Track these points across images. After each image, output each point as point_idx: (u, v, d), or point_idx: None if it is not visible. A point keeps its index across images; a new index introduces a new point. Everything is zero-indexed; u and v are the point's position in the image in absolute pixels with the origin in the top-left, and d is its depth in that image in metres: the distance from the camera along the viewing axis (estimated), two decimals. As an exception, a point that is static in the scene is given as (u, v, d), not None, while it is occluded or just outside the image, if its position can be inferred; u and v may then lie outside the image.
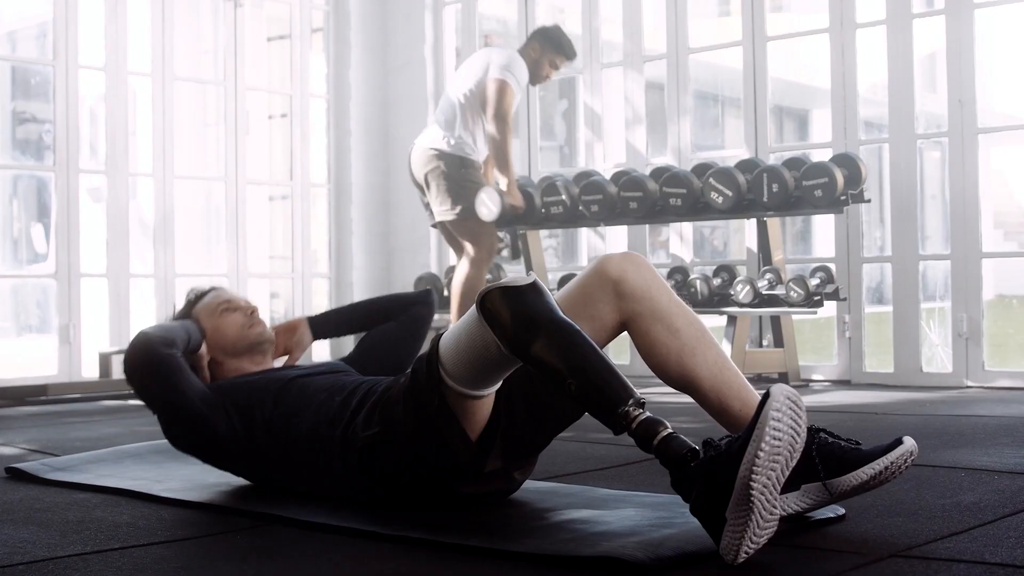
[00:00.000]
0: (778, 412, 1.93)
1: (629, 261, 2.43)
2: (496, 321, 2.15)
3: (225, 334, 2.92)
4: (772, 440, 1.90)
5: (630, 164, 6.41)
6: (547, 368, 2.11)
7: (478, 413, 2.34)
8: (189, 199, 7.58)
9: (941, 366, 5.75)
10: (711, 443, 2.02)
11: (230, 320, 2.94)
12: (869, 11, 5.72)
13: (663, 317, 2.37)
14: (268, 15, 8.63)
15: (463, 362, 2.25)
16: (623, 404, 2.03)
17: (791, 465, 1.96)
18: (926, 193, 13.09)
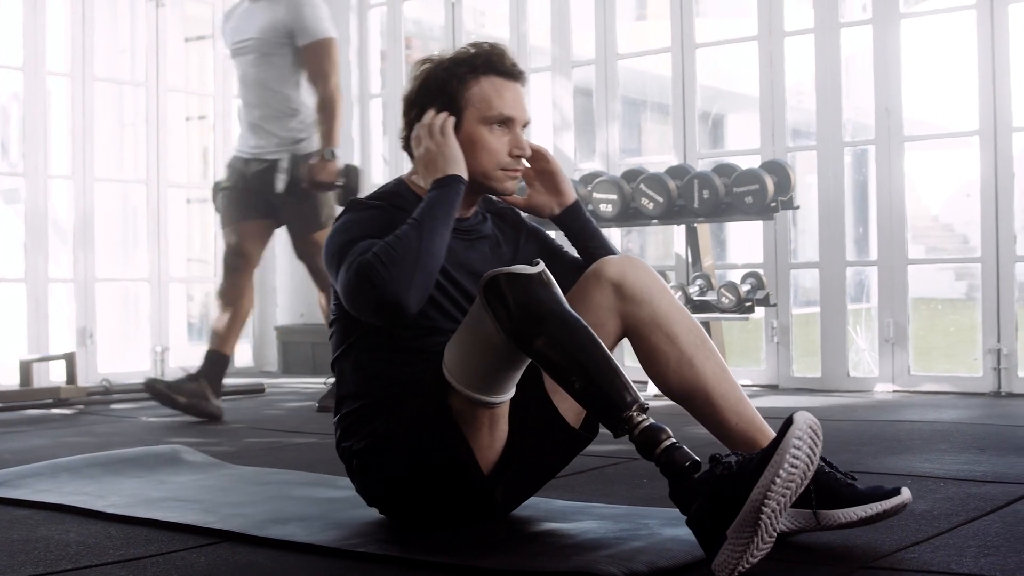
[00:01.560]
0: (799, 440, 1.91)
1: (629, 263, 2.33)
2: (499, 309, 2.06)
3: (473, 156, 2.38)
4: (790, 468, 1.89)
5: (558, 169, 6.39)
6: (550, 363, 2.04)
7: (488, 429, 2.23)
8: (108, 202, 7.42)
9: (867, 370, 5.83)
10: (719, 459, 2.00)
11: (494, 145, 2.38)
12: (797, 19, 5.79)
13: (663, 323, 2.28)
14: (188, 15, 8.49)
15: (468, 358, 2.15)
16: (627, 408, 1.99)
17: (799, 493, 1.95)
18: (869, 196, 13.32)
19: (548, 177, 2.53)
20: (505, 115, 2.38)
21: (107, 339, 6.78)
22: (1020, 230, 5.30)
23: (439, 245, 2.27)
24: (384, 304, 2.18)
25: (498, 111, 2.37)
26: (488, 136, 2.38)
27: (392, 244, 2.22)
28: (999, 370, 5.17)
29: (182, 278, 7.62)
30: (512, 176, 2.41)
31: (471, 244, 2.47)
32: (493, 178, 2.40)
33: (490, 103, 2.37)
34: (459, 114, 2.39)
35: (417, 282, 2.20)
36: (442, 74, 2.40)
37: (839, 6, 5.59)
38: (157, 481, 3.11)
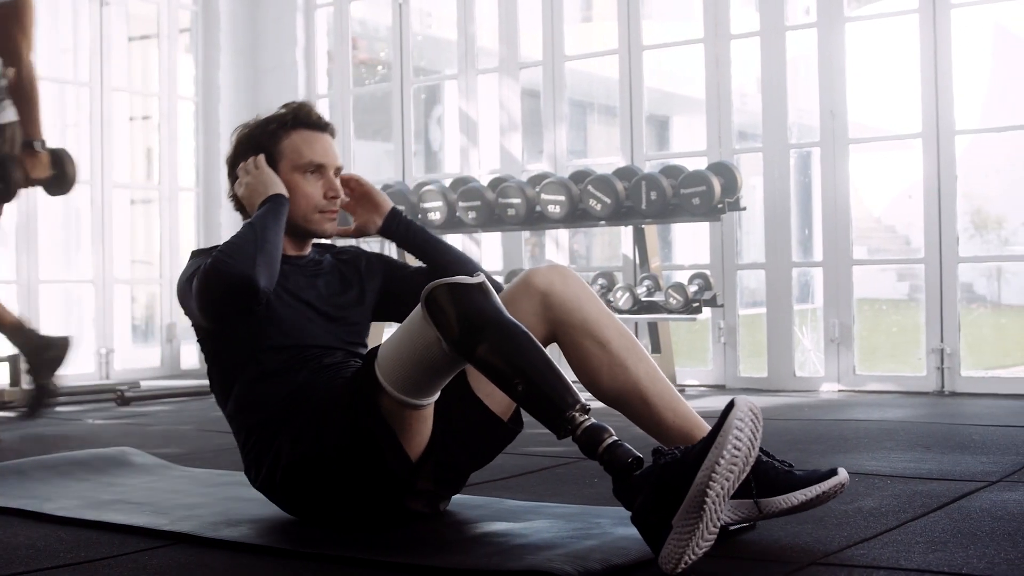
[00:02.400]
0: (741, 422, 1.95)
1: (557, 273, 2.40)
2: (441, 319, 2.11)
3: (293, 202, 2.55)
4: (733, 449, 1.93)
5: (505, 170, 6.42)
6: (493, 369, 2.09)
7: (414, 426, 2.28)
8: (51, 203, 7.34)
9: (813, 370, 5.89)
10: (662, 451, 2.03)
11: (309, 190, 2.56)
12: (743, 22, 5.84)
13: (592, 329, 2.34)
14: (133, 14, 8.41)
15: (404, 365, 2.19)
16: (569, 409, 2.03)
17: (741, 479, 1.98)
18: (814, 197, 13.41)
19: (366, 198, 2.73)
20: (316, 162, 2.58)
21: (51, 341, 6.69)
22: (962, 231, 5.38)
23: (274, 236, 2.45)
24: (235, 284, 2.36)
25: (308, 159, 2.57)
26: (303, 183, 2.57)
27: (229, 241, 2.44)
28: (942, 369, 5.25)
29: (126, 279, 7.55)
30: (330, 218, 2.60)
31: (313, 276, 2.63)
32: (312, 221, 2.59)
33: (301, 152, 2.57)
34: (274, 166, 2.58)
35: (260, 261, 2.39)
36: (256, 132, 2.62)
37: (784, 9, 5.65)
38: (106, 483, 3.08)
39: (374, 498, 2.37)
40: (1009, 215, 14.80)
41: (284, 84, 7.35)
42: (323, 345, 2.54)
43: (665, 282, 5.53)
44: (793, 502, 2.18)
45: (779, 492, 2.18)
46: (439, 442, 2.34)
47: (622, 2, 6.09)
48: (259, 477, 2.48)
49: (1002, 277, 14.17)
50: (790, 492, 2.18)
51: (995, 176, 12.57)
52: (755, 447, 1.98)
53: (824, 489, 2.19)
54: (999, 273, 13.94)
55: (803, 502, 2.18)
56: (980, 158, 9.89)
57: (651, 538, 1.98)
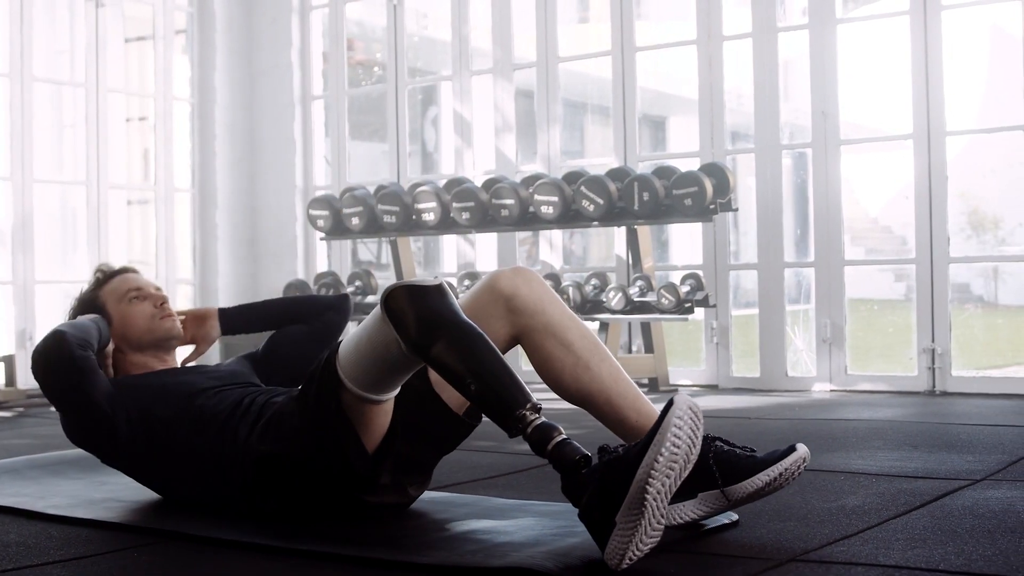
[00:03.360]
0: (680, 420, 1.98)
1: (520, 276, 2.46)
2: (399, 319, 2.15)
3: (132, 325, 2.82)
4: (671, 447, 1.96)
5: (500, 171, 6.44)
6: (447, 369, 2.13)
7: (375, 421, 2.33)
8: (48, 203, 7.37)
9: (805, 370, 5.92)
10: (607, 449, 2.07)
11: (138, 310, 2.83)
12: (736, 23, 5.86)
13: (556, 331, 2.40)
14: (129, 15, 8.43)
15: (363, 363, 2.24)
16: (520, 408, 2.07)
17: (683, 476, 2.02)
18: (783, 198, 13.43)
19: (193, 321, 2.99)
20: (133, 287, 2.87)
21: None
22: (959, 232, 5.40)
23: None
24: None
25: (126, 289, 2.86)
26: (131, 307, 2.84)
27: None
28: (933, 369, 5.27)
29: (123, 280, 7.56)
30: (169, 319, 2.86)
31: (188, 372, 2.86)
32: (156, 328, 2.84)
33: (118, 289, 2.87)
34: (106, 312, 2.83)
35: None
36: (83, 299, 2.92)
37: (776, 10, 5.68)
38: (97, 482, 3.10)
39: (336, 493, 2.41)
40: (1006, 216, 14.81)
41: (279, 85, 7.38)
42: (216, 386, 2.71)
43: (659, 282, 5.55)
44: (759, 483, 2.22)
45: (743, 477, 2.22)
46: (399, 435, 2.38)
47: (615, 3, 6.11)
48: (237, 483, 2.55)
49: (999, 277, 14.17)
50: (754, 475, 2.21)
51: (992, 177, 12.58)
52: (696, 444, 2.01)
53: (786, 466, 2.23)
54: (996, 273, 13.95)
55: (768, 482, 2.22)
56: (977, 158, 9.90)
57: (596, 535, 2.02)
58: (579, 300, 5.56)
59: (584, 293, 5.59)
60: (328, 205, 6.40)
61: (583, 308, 5.57)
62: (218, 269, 7.35)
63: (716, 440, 2.30)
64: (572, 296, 5.57)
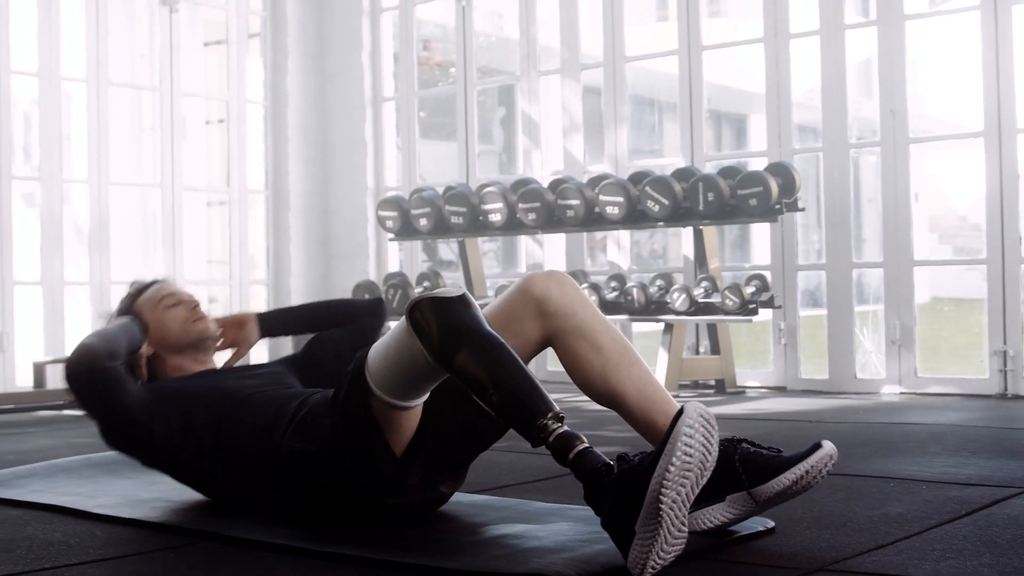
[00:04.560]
0: (690, 428, 1.97)
1: (553, 279, 2.46)
2: (424, 331, 2.17)
3: (167, 329, 2.88)
4: (683, 456, 1.95)
5: (568, 172, 6.44)
6: (470, 379, 2.14)
7: (404, 425, 2.35)
8: (125, 205, 7.52)
9: (875, 372, 5.83)
10: (625, 458, 2.06)
11: (173, 315, 2.90)
12: (803, 21, 5.79)
13: (587, 334, 2.40)
14: (205, 19, 8.56)
15: (391, 372, 2.26)
16: (541, 417, 2.07)
17: (702, 482, 2.00)
18: (863, 198, 13.26)
19: (232, 326, 3.04)
20: (166, 294, 2.92)
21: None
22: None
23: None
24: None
25: (160, 297, 2.91)
26: (166, 313, 2.89)
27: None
28: (1005, 372, 5.17)
29: (200, 280, 7.68)
30: (202, 321, 2.92)
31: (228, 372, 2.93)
32: (191, 331, 2.90)
33: (152, 298, 2.92)
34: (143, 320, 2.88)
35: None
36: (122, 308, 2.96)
37: (844, 8, 5.60)
38: (150, 482, 3.15)
39: (362, 494, 2.43)
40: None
41: (350, 87, 7.44)
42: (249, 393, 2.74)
43: (729, 283, 5.50)
44: (785, 482, 2.19)
45: (769, 477, 2.20)
46: (429, 434, 2.39)
47: (682, 2, 6.08)
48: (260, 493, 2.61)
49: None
50: (779, 474, 2.19)
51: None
52: (710, 451, 1.99)
53: (812, 463, 2.21)
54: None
55: (794, 480, 2.20)
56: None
57: (619, 543, 2.01)
58: (643, 301, 5.54)
59: (648, 294, 5.56)
60: (397, 206, 6.44)
61: (647, 309, 5.54)
62: (291, 270, 7.43)
63: (742, 442, 2.28)
64: (636, 297, 5.54)
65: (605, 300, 5.67)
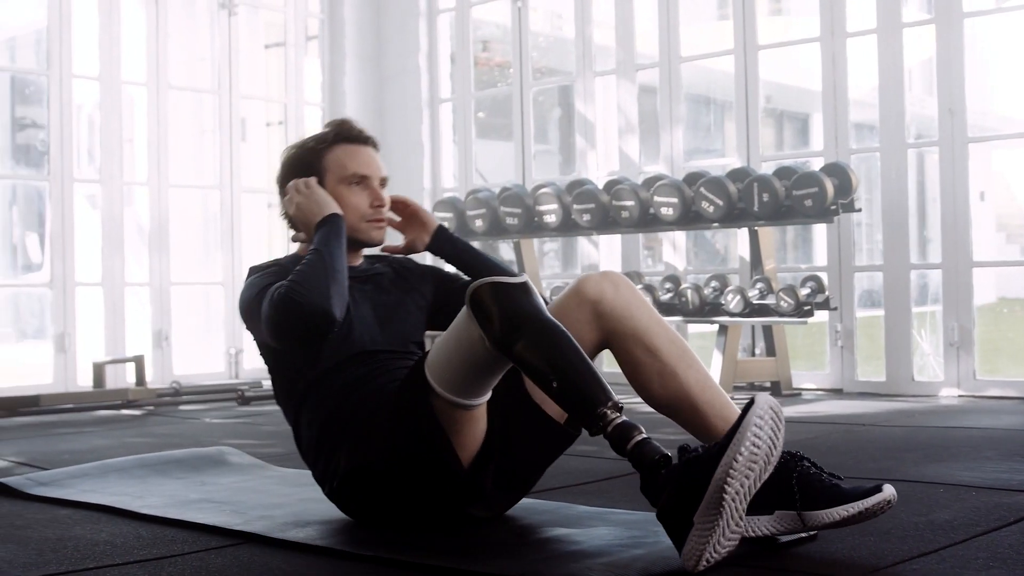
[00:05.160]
0: (760, 420, 1.95)
1: (608, 280, 2.42)
2: (484, 315, 2.15)
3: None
4: (751, 447, 1.94)
5: (623, 172, 6.42)
6: (530, 366, 2.12)
7: (467, 429, 2.32)
8: (186, 207, 7.60)
9: (933, 375, 5.75)
10: (687, 448, 2.05)
11: (354, 200, 2.64)
12: (860, 20, 5.73)
13: (643, 336, 2.36)
14: (266, 22, 8.64)
15: (451, 364, 2.24)
16: (601, 406, 2.06)
17: (763, 477, 1.99)
18: (928, 197, 13.09)
19: (413, 218, 2.80)
20: (359, 174, 2.65)
21: (183, 341, 6.94)
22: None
23: (342, 262, 2.49)
24: (311, 316, 2.37)
25: (352, 171, 2.64)
26: (348, 194, 2.63)
27: (301, 270, 2.44)
28: (1067, 375, 5.08)
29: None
30: (377, 226, 2.68)
31: (365, 283, 2.69)
32: (360, 230, 2.66)
33: (344, 165, 2.64)
34: (321, 181, 2.64)
35: (334, 292, 2.41)
36: (300, 152, 2.69)
37: (902, 6, 5.53)
38: (198, 482, 3.19)
39: (431, 503, 2.41)
40: None
41: (407, 89, 7.47)
42: (377, 349, 2.59)
43: (784, 284, 5.46)
44: (835, 517, 2.14)
45: (822, 506, 2.14)
46: (497, 448, 2.37)
47: (736, 2, 6.04)
48: (324, 485, 2.56)
49: None
50: (833, 507, 2.14)
51: None
52: (776, 446, 1.98)
53: (867, 506, 2.14)
54: None
55: (845, 518, 2.13)
56: None
57: (674, 535, 2.00)
58: (697, 303, 5.50)
59: (703, 296, 5.53)
60: (452, 207, 6.46)
61: (701, 311, 5.51)
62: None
63: (804, 460, 2.21)
64: (690, 299, 5.51)
65: (659, 302, 5.65)
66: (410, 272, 2.80)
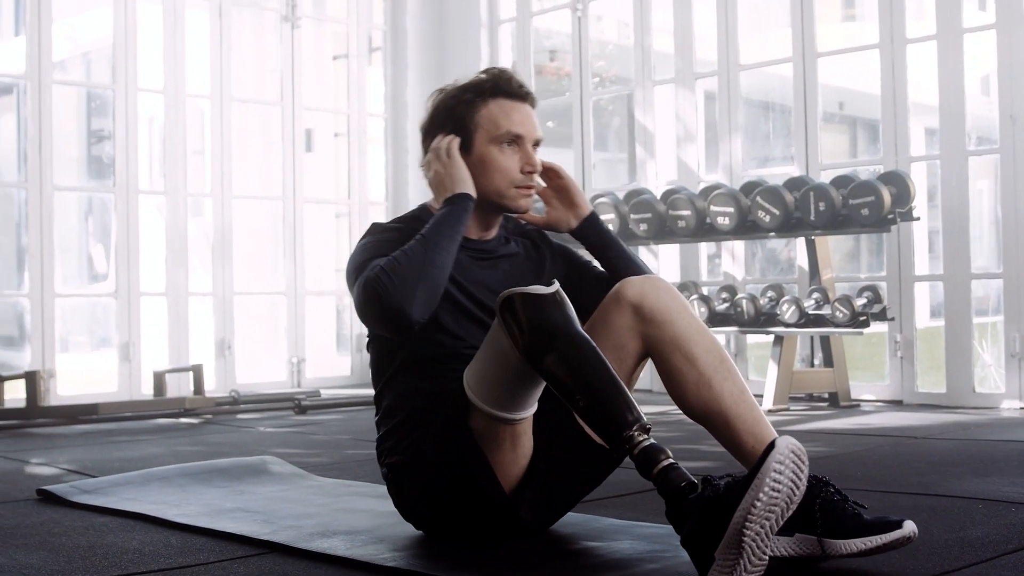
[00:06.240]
0: (780, 464, 1.89)
1: (649, 283, 2.35)
2: (514, 326, 2.10)
3: (487, 176, 2.46)
4: (771, 492, 1.88)
5: (682, 181, 6.38)
6: (557, 381, 2.08)
7: (507, 446, 2.28)
8: (251, 218, 7.69)
9: (994, 386, 5.64)
10: (710, 481, 2.01)
11: (505, 163, 2.46)
12: (920, 26, 5.65)
13: (681, 344, 2.29)
14: (334, 33, 8.73)
15: (487, 375, 2.20)
16: (628, 428, 2.01)
17: (787, 516, 1.93)
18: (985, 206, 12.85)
19: (564, 193, 2.60)
20: (514, 133, 2.45)
21: (246, 351, 7.02)
22: None
23: (444, 258, 2.34)
24: (388, 315, 2.27)
25: (506, 130, 2.44)
26: (499, 155, 2.45)
27: (397, 258, 2.30)
28: None
29: (321, 291, 7.81)
30: (525, 194, 2.48)
31: (492, 264, 2.54)
32: (507, 196, 2.47)
33: (498, 123, 2.44)
34: (470, 137, 2.46)
35: (420, 294, 2.28)
36: (451, 101, 2.48)
37: (962, 11, 5.44)
38: (237, 491, 3.22)
39: (465, 520, 2.38)
40: None
41: (469, 99, 7.48)
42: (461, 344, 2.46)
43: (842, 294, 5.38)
44: (853, 548, 2.10)
45: (843, 536, 2.11)
46: (540, 471, 2.33)
47: (795, 8, 5.98)
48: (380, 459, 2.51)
49: None
50: (853, 538, 2.11)
51: None
52: (799, 487, 1.91)
53: (887, 540, 2.10)
54: None
55: (863, 550, 2.10)
56: None
57: (698, 564, 1.96)
58: (752, 313, 5.45)
59: (758, 306, 5.47)
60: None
61: (757, 321, 5.45)
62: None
63: (829, 486, 2.17)
64: (746, 309, 5.46)
65: (715, 312, 5.61)
66: (543, 254, 2.64)
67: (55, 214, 6.21)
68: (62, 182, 6.95)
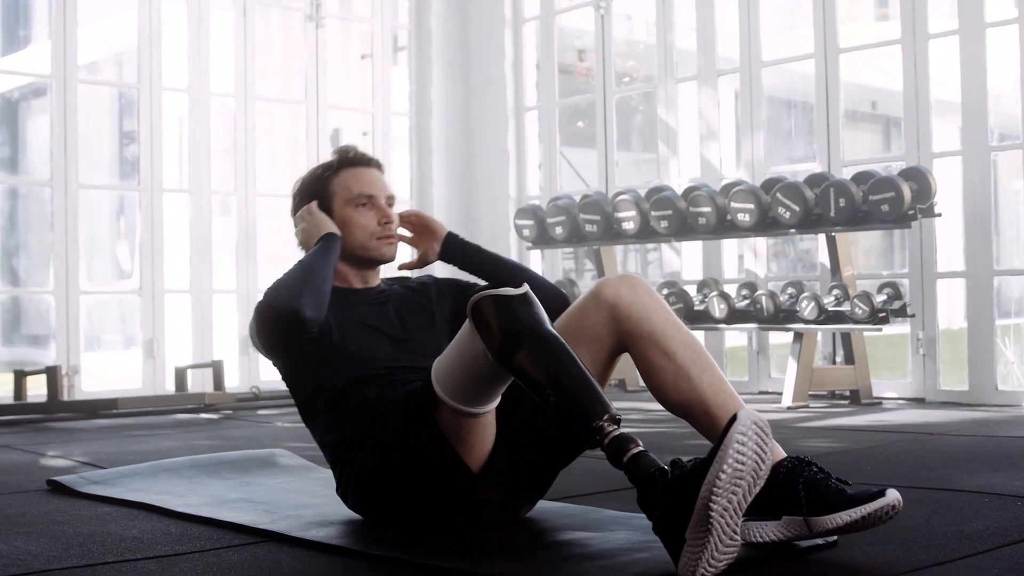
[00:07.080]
0: (743, 436, 1.92)
1: (626, 283, 2.42)
2: (485, 329, 2.17)
3: (349, 234, 2.69)
4: (735, 463, 1.90)
5: (705, 179, 6.36)
6: (528, 378, 2.13)
7: (475, 436, 2.34)
8: (276, 216, 7.71)
9: (1016, 384, 5.59)
10: (678, 463, 2.02)
11: (362, 220, 2.70)
12: (942, 21, 5.60)
13: (659, 340, 2.35)
14: (359, 32, 8.76)
15: (455, 373, 2.26)
16: (597, 419, 2.05)
17: (755, 490, 1.95)
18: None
19: (423, 230, 2.84)
20: (365, 194, 2.71)
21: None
22: None
23: (322, 268, 2.57)
24: (281, 316, 2.47)
25: (357, 192, 2.71)
26: (355, 214, 2.70)
27: (277, 279, 2.54)
28: None
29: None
30: (387, 243, 2.72)
31: (380, 306, 2.73)
32: (370, 247, 2.71)
33: (350, 187, 2.71)
34: (329, 204, 2.72)
35: (305, 292, 2.49)
36: (309, 179, 2.78)
37: (984, 5, 5.38)
38: (244, 483, 3.23)
39: (438, 509, 2.43)
40: None
41: (494, 98, 7.50)
42: (392, 365, 2.61)
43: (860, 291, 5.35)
44: (839, 522, 2.10)
45: (828, 511, 2.11)
46: (507, 449, 2.38)
47: (817, 5, 5.95)
48: (342, 493, 2.60)
49: None
50: (838, 512, 2.10)
51: None
52: (763, 460, 1.94)
53: (871, 510, 2.10)
54: None
55: (849, 523, 2.10)
56: None
57: (670, 549, 1.97)
58: (772, 309, 5.42)
59: (778, 303, 5.45)
60: (533, 215, 6.47)
61: (776, 318, 5.43)
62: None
63: (811, 465, 2.19)
64: (765, 305, 5.44)
65: (735, 309, 5.58)
66: (429, 289, 2.84)
67: (82, 212, 6.26)
68: (87, 180, 6.99)
